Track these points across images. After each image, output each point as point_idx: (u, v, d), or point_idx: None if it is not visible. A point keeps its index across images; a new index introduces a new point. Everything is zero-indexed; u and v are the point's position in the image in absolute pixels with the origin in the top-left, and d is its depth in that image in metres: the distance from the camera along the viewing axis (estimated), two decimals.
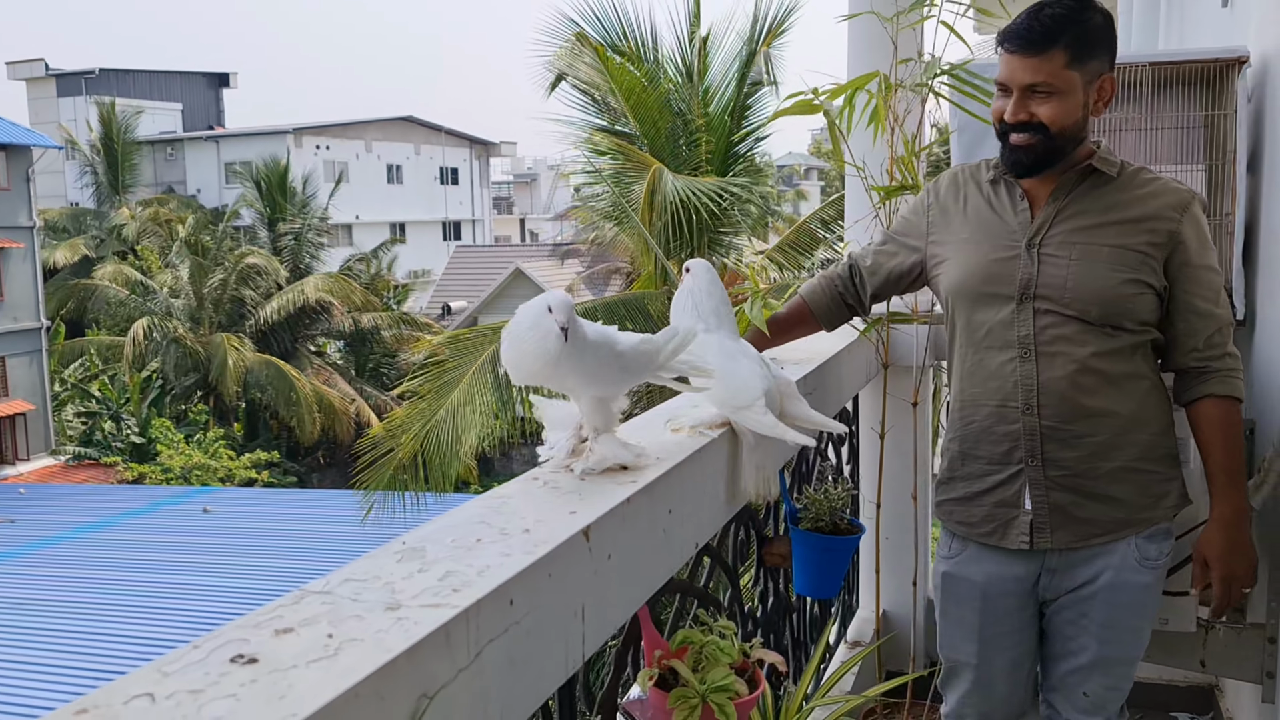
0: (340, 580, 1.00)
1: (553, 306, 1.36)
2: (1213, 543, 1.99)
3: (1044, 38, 1.90)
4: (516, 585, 1.02)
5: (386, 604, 0.94)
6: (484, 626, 0.96)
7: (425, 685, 0.87)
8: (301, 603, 0.95)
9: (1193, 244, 1.94)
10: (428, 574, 1.01)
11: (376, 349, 24.66)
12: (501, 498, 1.29)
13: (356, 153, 35.36)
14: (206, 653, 0.84)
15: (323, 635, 0.87)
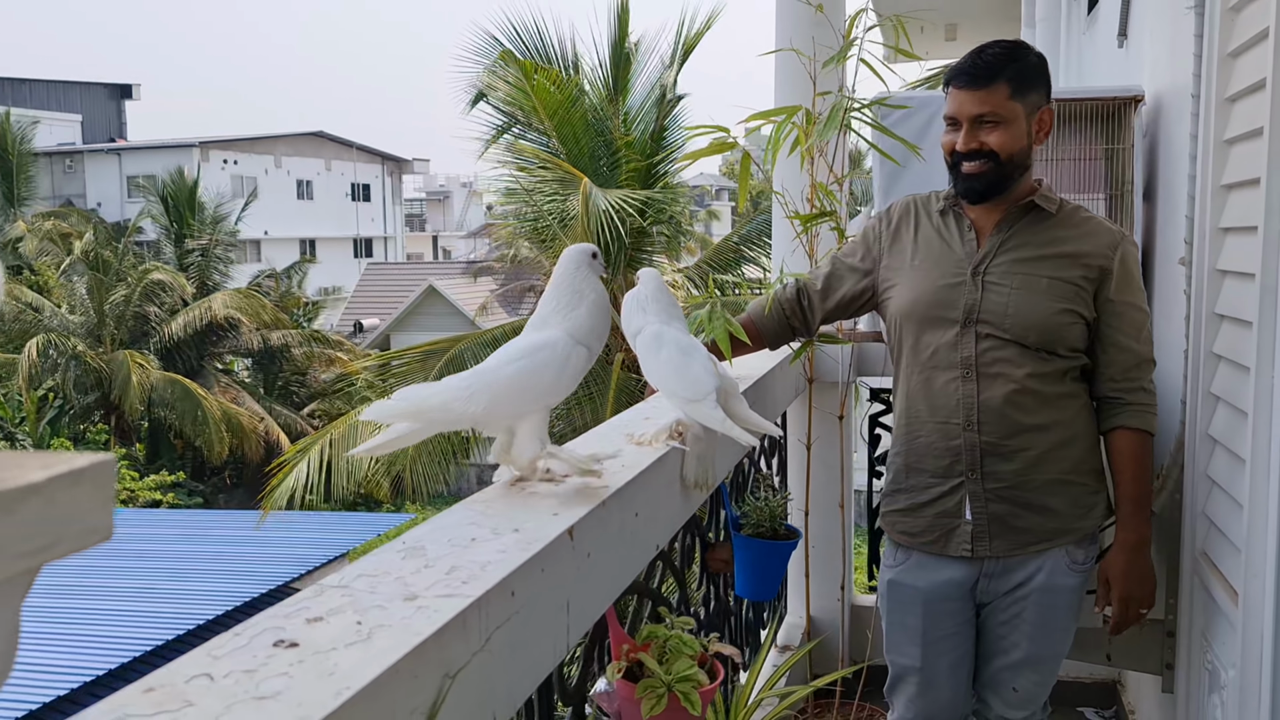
0: (354, 575, 1.08)
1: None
2: (1115, 566, 2.17)
3: (988, 73, 2.07)
4: (517, 578, 1.11)
5: (404, 595, 1.03)
6: (492, 614, 1.05)
7: (448, 666, 0.96)
8: (323, 595, 1.03)
9: (1120, 281, 2.12)
10: (434, 569, 1.10)
11: (286, 367, 24.24)
12: (484, 502, 1.38)
13: (266, 168, 34.76)
14: (248, 639, 0.92)
15: (352, 623, 0.96)
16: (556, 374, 1.42)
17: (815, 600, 3.24)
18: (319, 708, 0.79)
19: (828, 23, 3.10)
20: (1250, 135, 2.03)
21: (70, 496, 0.47)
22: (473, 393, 1.35)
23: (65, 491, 0.46)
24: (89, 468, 0.48)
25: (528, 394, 1.41)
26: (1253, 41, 2.01)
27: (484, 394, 1.35)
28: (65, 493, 0.46)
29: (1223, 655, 2.14)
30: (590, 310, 1.48)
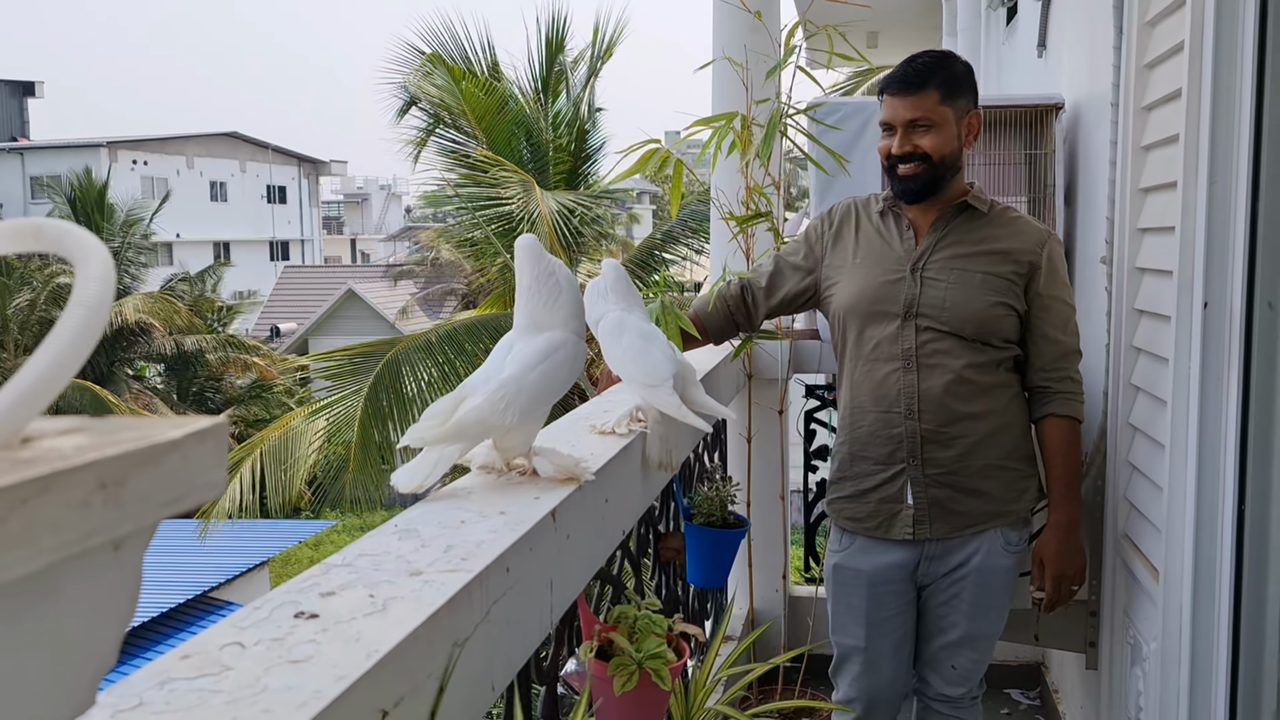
0: (355, 555, 1.13)
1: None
2: (1049, 545, 2.30)
3: (919, 80, 2.20)
4: (511, 556, 1.17)
5: (409, 571, 1.08)
6: (491, 589, 1.11)
7: (456, 635, 1.02)
8: (330, 574, 1.08)
9: (1047, 276, 2.25)
10: (431, 549, 1.16)
11: (201, 372, 23.75)
12: (465, 490, 1.43)
13: (177, 169, 33.98)
14: (269, 611, 0.97)
15: (365, 596, 1.01)
16: (570, 372, 1.48)
17: (757, 591, 3.34)
18: (354, 667, 0.84)
19: (765, 31, 3.21)
20: (1166, 142, 2.17)
21: (199, 453, 0.52)
22: (507, 404, 1.38)
23: (195, 448, 0.52)
24: (211, 428, 0.53)
25: (550, 396, 1.46)
26: (1168, 54, 2.15)
27: (516, 404, 1.38)
28: (195, 449, 0.52)
29: (1144, 630, 2.28)
30: (571, 297, 1.54)
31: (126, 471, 0.47)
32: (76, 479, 0.45)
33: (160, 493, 0.50)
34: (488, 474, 1.51)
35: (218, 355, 23.37)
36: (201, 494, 0.53)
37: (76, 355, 0.50)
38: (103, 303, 0.52)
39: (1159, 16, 2.23)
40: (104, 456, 0.46)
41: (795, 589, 3.64)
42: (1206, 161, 1.93)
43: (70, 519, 0.45)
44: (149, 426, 0.52)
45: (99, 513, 0.46)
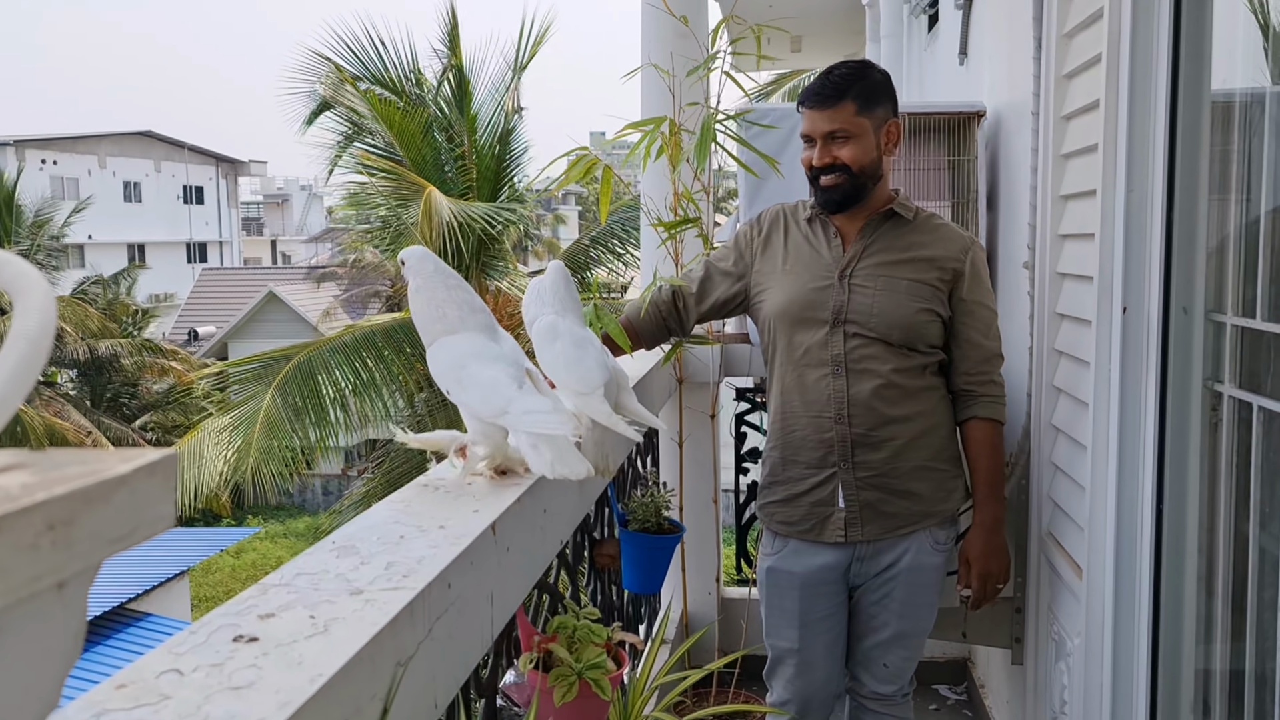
0: (293, 574, 1.11)
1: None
2: (974, 545, 2.35)
3: (835, 92, 2.23)
4: (452, 571, 1.16)
5: (349, 590, 1.07)
6: (433, 606, 1.10)
7: (399, 654, 1.01)
8: (268, 594, 1.06)
9: (970, 282, 2.30)
10: (371, 566, 1.14)
11: (115, 377, 23.13)
12: (403, 502, 1.42)
13: (89, 168, 33.04)
14: (206, 635, 0.95)
15: (306, 617, 0.99)
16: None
17: (691, 594, 3.35)
18: (298, 693, 0.83)
19: (692, 36, 3.22)
20: (1085, 150, 2.24)
21: (148, 487, 0.51)
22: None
23: (144, 482, 0.51)
24: (160, 460, 0.52)
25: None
26: (1086, 65, 2.21)
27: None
28: (144, 483, 0.51)
29: (1068, 625, 2.34)
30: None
31: (75, 511, 0.46)
32: (24, 521, 0.44)
33: (109, 530, 0.49)
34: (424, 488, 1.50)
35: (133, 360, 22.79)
36: (150, 528, 0.52)
37: (19, 390, 0.49)
38: (45, 334, 0.51)
39: (1077, 29, 2.30)
40: (51, 496, 0.45)
41: (728, 591, 3.66)
42: (1124, 170, 1.99)
43: (17, 562, 0.44)
44: (95, 461, 0.50)
45: (47, 554, 0.45)
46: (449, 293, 1.55)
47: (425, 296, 1.54)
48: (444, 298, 1.54)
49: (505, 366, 1.55)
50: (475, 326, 1.55)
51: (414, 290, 1.56)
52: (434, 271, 1.58)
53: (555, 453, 1.52)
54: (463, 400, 1.53)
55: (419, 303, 1.55)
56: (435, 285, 1.56)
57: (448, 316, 1.53)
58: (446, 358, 1.53)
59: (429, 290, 1.55)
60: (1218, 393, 1.90)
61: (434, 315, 1.53)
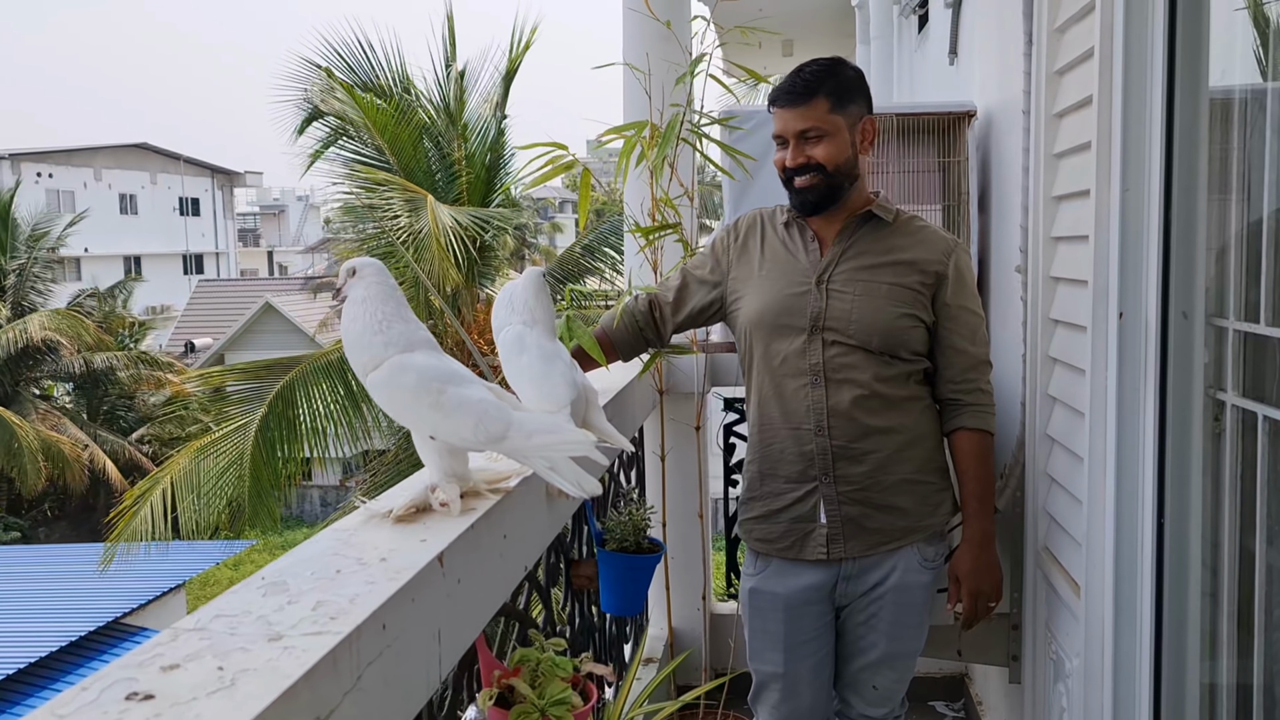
0: (211, 616, 1.02)
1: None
2: (963, 562, 2.25)
3: (806, 90, 2.14)
4: (388, 611, 1.06)
5: (268, 636, 0.97)
6: (364, 651, 1.00)
7: (318, 709, 0.91)
8: (179, 640, 0.96)
9: (954, 286, 2.20)
10: (299, 605, 1.05)
11: (112, 390, 23.03)
12: (347, 530, 1.32)
13: (85, 181, 32.97)
14: (97, 693, 0.85)
15: (213, 668, 0.90)
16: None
17: (676, 611, 3.26)
18: None
19: (674, 38, 3.13)
20: (1078, 149, 2.14)
21: None
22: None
23: None
24: None
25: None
26: (1079, 60, 2.12)
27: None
28: None
29: (1066, 645, 2.24)
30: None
31: None
32: None
33: None
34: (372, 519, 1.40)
35: (129, 373, 22.70)
36: None
37: None
38: None
39: (1068, 22, 2.20)
40: None
41: (717, 606, 3.56)
42: (1119, 168, 1.90)
43: None
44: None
45: None
46: (398, 307, 1.45)
47: (371, 310, 1.43)
48: (392, 312, 1.44)
49: (482, 386, 1.46)
50: (425, 344, 1.45)
51: (358, 301, 1.44)
52: (391, 287, 1.48)
53: (575, 471, 1.43)
54: (442, 428, 1.40)
55: (363, 316, 1.43)
56: (385, 299, 1.45)
57: (394, 332, 1.43)
58: (416, 380, 1.39)
59: (377, 303, 1.44)
60: (1220, 401, 1.80)
61: (376, 329, 1.42)
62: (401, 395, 1.40)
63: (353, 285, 1.45)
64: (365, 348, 1.42)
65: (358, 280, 1.45)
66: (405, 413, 1.40)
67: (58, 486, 20.19)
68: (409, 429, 1.43)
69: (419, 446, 1.43)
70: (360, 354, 1.42)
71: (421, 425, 1.41)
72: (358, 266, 1.47)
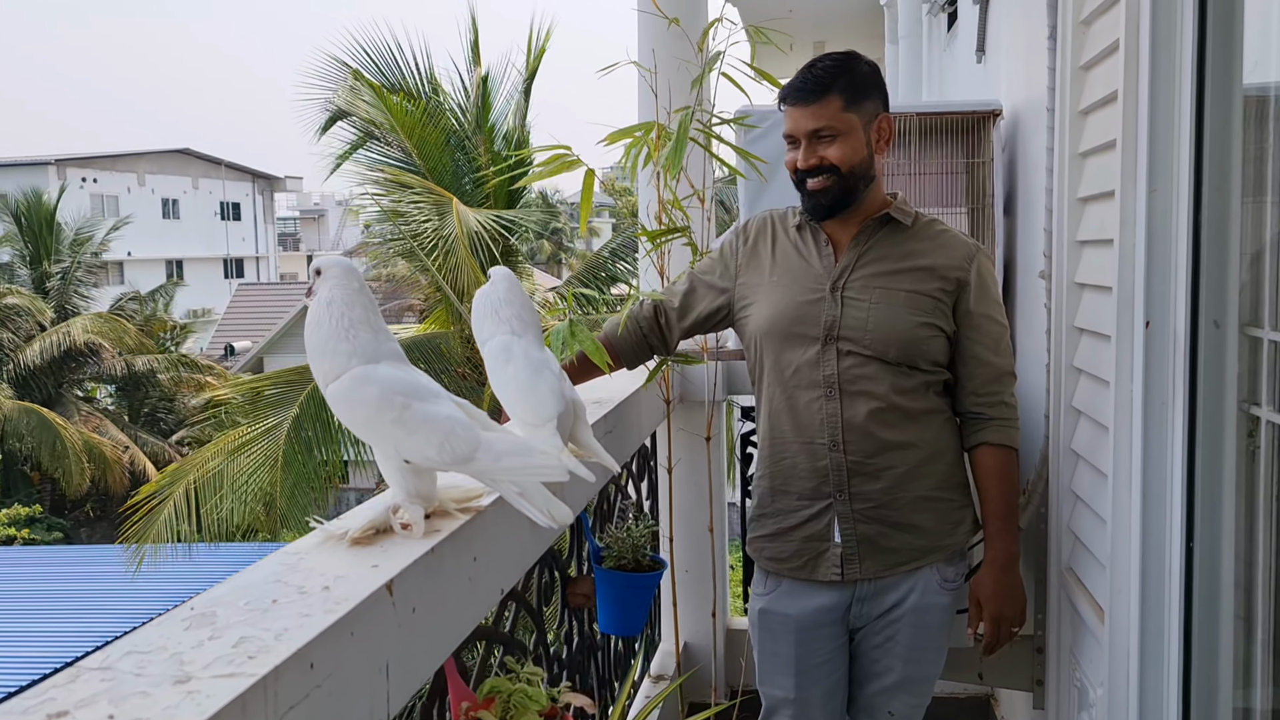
0: (121, 654, 0.93)
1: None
2: (985, 584, 2.13)
3: (819, 87, 2.02)
4: (318, 647, 0.98)
5: (175, 677, 0.88)
6: (284, 694, 0.91)
7: None
8: (77, 681, 0.88)
9: (976, 293, 2.08)
10: (220, 641, 0.96)
11: (153, 393, 23.29)
12: (297, 554, 1.24)
13: (128, 186, 33.41)
14: None
15: (102, 717, 0.81)
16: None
17: (686, 626, 3.15)
18: None
19: (685, 37, 3.03)
20: (1103, 148, 2.02)
21: None
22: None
23: None
24: None
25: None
26: (1104, 54, 2.00)
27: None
28: None
29: (1090, 673, 2.11)
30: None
31: None
32: None
33: None
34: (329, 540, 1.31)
35: (169, 375, 22.93)
36: None
37: None
38: None
39: (1094, 15, 2.08)
40: None
41: (733, 620, 3.45)
42: (1145, 168, 1.77)
43: None
44: None
45: None
46: (366, 314, 1.36)
47: (336, 314, 1.34)
48: (358, 318, 1.35)
49: (450, 402, 1.36)
50: (393, 356, 1.36)
51: (323, 304, 1.35)
52: (359, 289, 1.39)
53: (546, 498, 1.34)
54: (405, 446, 1.31)
55: (327, 320, 1.34)
56: (353, 303, 1.36)
57: (359, 340, 1.34)
58: (378, 393, 1.30)
59: (342, 307, 1.35)
60: (1254, 416, 1.67)
61: (341, 335, 1.33)
62: (363, 409, 1.31)
63: (319, 286, 1.37)
64: (327, 356, 1.33)
65: (323, 281, 1.36)
66: (366, 428, 1.32)
67: (99, 487, 20.43)
68: (370, 445, 1.34)
69: (381, 464, 1.34)
70: (322, 362, 1.33)
71: (383, 442, 1.32)
72: (323, 266, 1.38)
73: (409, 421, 1.30)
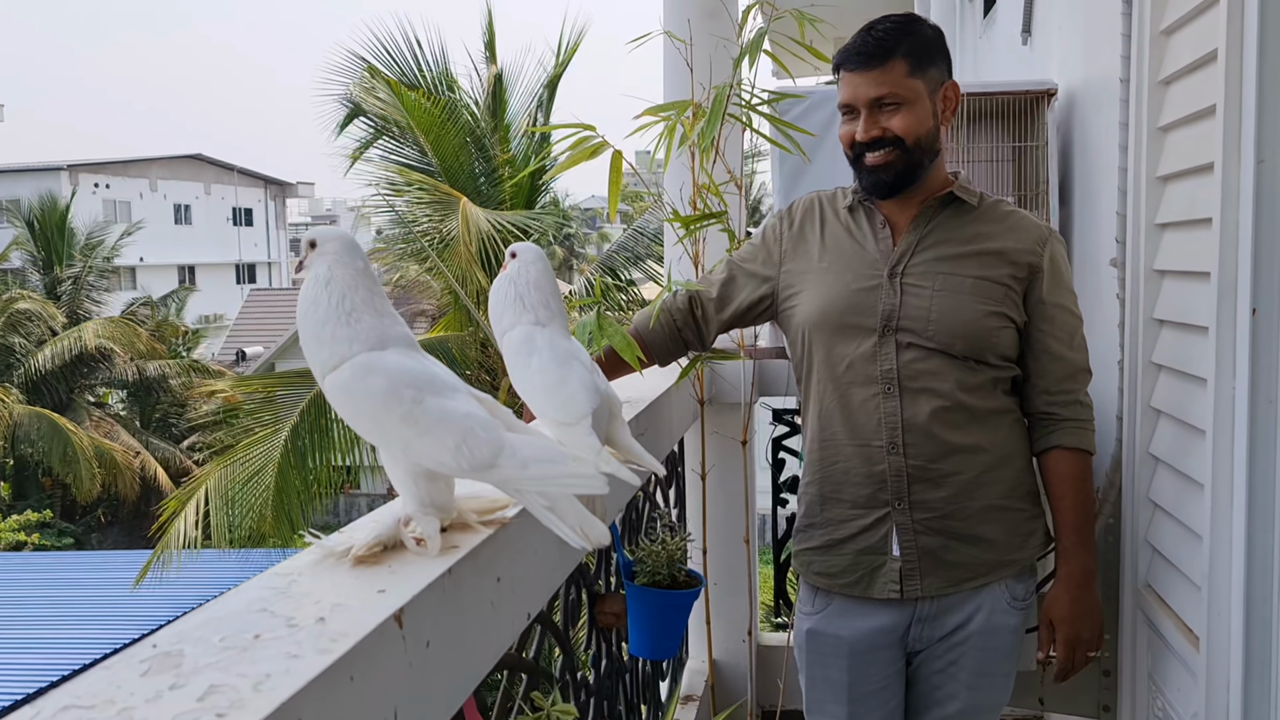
0: (59, 707, 0.74)
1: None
2: (1059, 604, 1.93)
3: (881, 50, 1.82)
4: (308, 698, 0.78)
5: None
6: None
7: None
8: None
9: (1049, 280, 1.89)
10: (183, 691, 0.76)
11: (164, 398, 23.18)
12: (288, 575, 1.04)
13: (140, 191, 33.34)
14: None
15: None
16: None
17: (718, 644, 2.94)
18: None
19: (725, 12, 2.84)
20: (1193, 118, 1.81)
21: None
22: None
23: None
24: None
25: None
26: (1195, 13, 1.79)
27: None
28: None
29: (1178, 703, 1.90)
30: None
31: None
32: None
33: None
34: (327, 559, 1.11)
35: (181, 380, 22.84)
36: None
37: None
38: None
39: None
40: None
41: (764, 637, 3.24)
42: (1253, 136, 1.56)
43: None
44: None
45: None
46: (370, 295, 1.16)
47: (335, 295, 1.14)
48: (361, 301, 1.14)
49: (470, 397, 1.16)
50: (402, 342, 1.16)
51: (320, 282, 1.15)
52: (359, 269, 1.18)
53: (580, 514, 1.14)
54: (416, 447, 1.11)
55: (325, 302, 1.13)
56: (354, 283, 1.16)
57: (361, 325, 1.14)
58: (386, 385, 1.09)
59: (342, 287, 1.15)
60: None
61: (341, 319, 1.13)
62: (367, 404, 1.11)
63: (313, 261, 1.16)
64: (325, 342, 1.13)
65: (318, 255, 1.16)
66: (371, 426, 1.11)
67: (110, 493, 20.35)
68: (375, 446, 1.14)
69: (388, 468, 1.14)
70: (318, 350, 1.13)
71: (390, 442, 1.11)
72: (319, 238, 1.18)
73: (421, 419, 1.10)
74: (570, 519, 1.13)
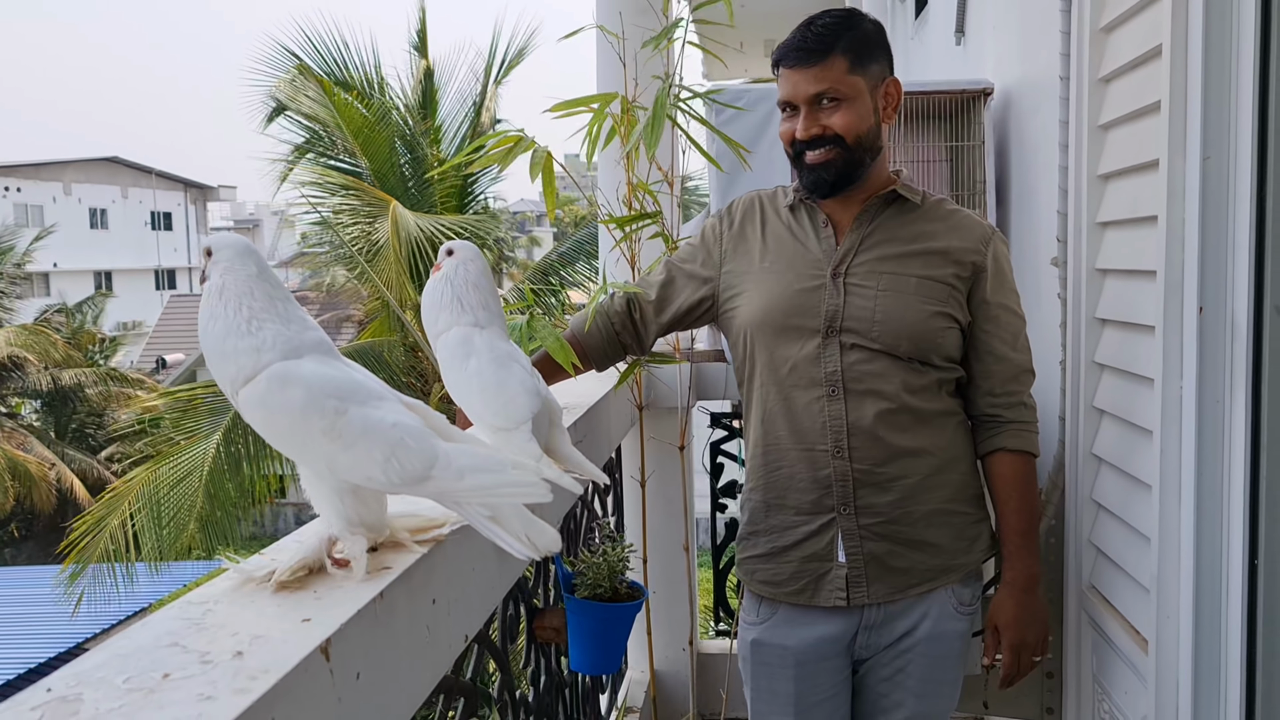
0: None
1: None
2: (1005, 609, 1.89)
3: (821, 46, 1.78)
4: None
5: None
6: None
7: None
8: None
9: (993, 280, 1.85)
10: None
11: (80, 408, 22.51)
12: (203, 604, 0.95)
13: (54, 195, 32.37)
14: None
15: None
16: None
17: (659, 653, 2.88)
18: None
19: (651, 9, 2.78)
20: (1135, 115, 1.80)
21: None
22: None
23: None
24: None
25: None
26: (1137, 9, 1.78)
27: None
28: None
29: (1126, 707, 1.88)
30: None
31: None
32: None
33: None
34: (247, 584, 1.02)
35: (98, 389, 22.21)
36: None
37: None
38: None
39: None
40: None
41: (705, 644, 3.19)
42: (1198, 132, 1.55)
43: None
44: None
45: None
46: (270, 300, 1.07)
47: (230, 304, 1.05)
48: (260, 308, 1.05)
49: (399, 405, 1.08)
50: (318, 348, 1.07)
51: (213, 293, 1.06)
52: (256, 274, 1.09)
53: (526, 521, 1.07)
54: (340, 463, 1.03)
55: (223, 314, 1.04)
56: (249, 290, 1.06)
57: (264, 334, 1.05)
58: (303, 396, 1.01)
59: (236, 295, 1.05)
60: None
61: (241, 330, 1.03)
62: (285, 418, 1.02)
63: (210, 269, 1.08)
64: (229, 356, 1.04)
65: (213, 264, 1.08)
66: (291, 441, 1.03)
67: (24, 507, 19.68)
68: (295, 461, 1.06)
69: (309, 487, 1.06)
70: (224, 365, 1.04)
71: (313, 458, 1.03)
72: (214, 246, 1.09)
73: (345, 432, 1.01)
74: (515, 528, 1.06)
